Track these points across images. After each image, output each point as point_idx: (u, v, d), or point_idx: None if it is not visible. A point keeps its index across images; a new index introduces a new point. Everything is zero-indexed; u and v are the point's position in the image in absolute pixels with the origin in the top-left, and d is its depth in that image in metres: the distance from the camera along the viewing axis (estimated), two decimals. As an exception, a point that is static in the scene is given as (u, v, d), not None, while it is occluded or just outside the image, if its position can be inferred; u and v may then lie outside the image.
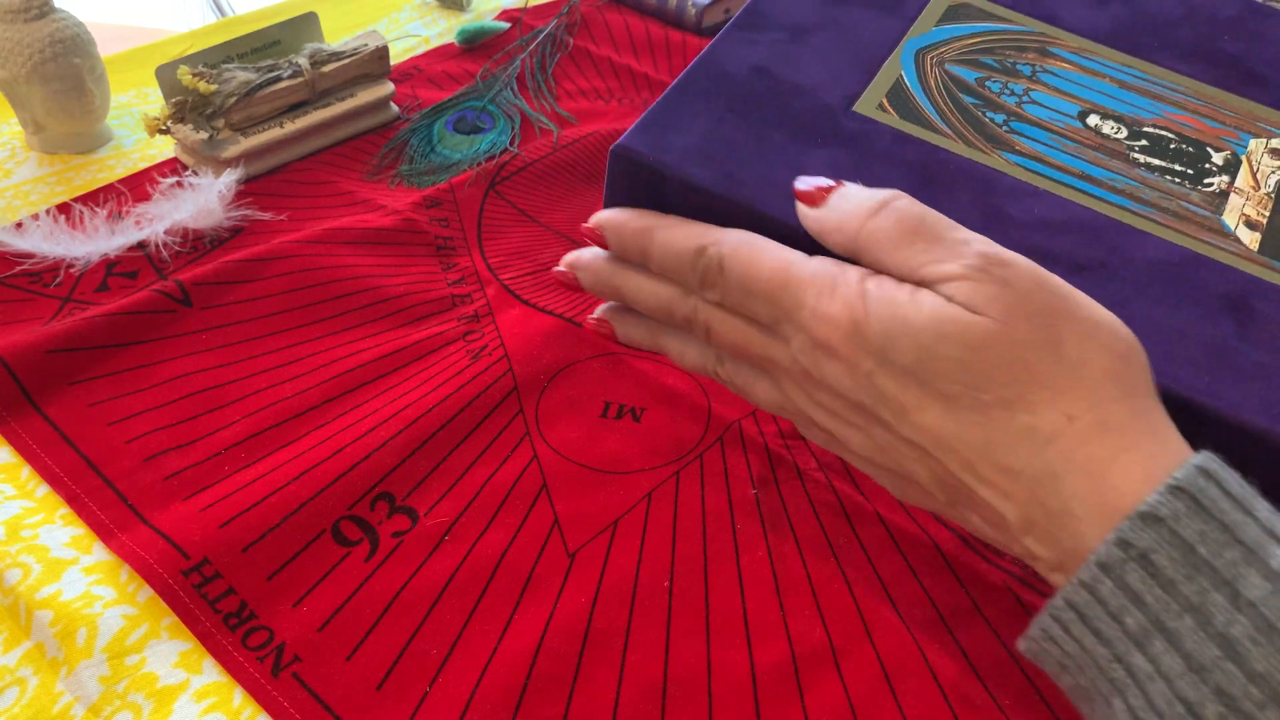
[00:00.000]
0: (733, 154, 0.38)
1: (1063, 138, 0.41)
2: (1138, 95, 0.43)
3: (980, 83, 0.42)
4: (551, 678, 0.41)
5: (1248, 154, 0.41)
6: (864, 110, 0.41)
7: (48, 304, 0.58)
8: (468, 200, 0.67)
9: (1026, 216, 0.38)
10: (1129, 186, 0.39)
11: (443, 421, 0.51)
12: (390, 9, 0.91)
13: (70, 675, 0.41)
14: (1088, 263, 0.36)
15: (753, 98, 0.40)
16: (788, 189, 0.37)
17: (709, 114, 0.39)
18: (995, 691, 0.40)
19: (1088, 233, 0.37)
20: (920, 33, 0.44)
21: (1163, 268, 0.37)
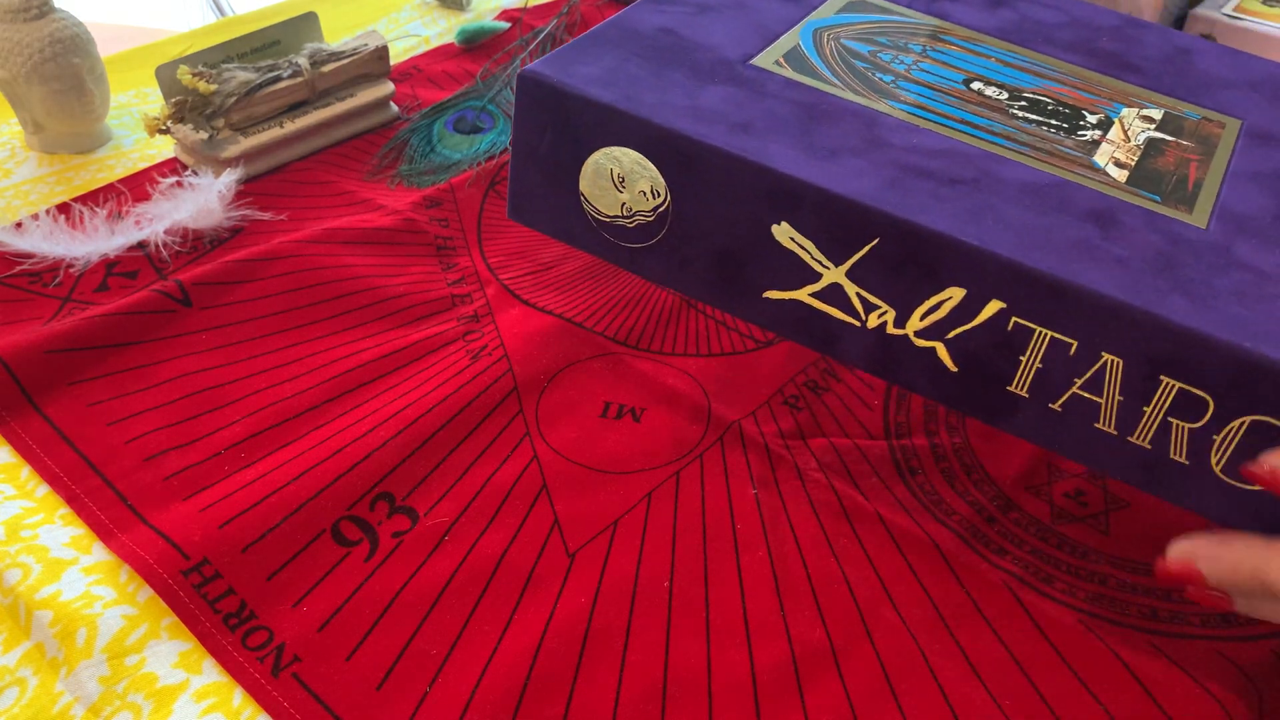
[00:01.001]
0: (633, 82, 0.40)
1: (946, 95, 0.43)
2: (1021, 72, 0.45)
3: (873, 54, 0.45)
4: (551, 678, 0.41)
5: (1120, 117, 0.43)
6: (760, 64, 0.43)
7: (47, 304, 0.58)
8: (468, 200, 0.67)
9: (905, 144, 0.39)
10: (1006, 131, 0.41)
11: (442, 421, 0.51)
12: (390, 9, 0.91)
13: (70, 675, 0.41)
14: (961, 178, 0.38)
15: (656, 47, 0.43)
16: (683, 109, 0.39)
17: (614, 55, 0.42)
18: (995, 691, 0.40)
19: (961, 158, 0.39)
20: (820, 16, 0.47)
21: (1033, 188, 0.38)
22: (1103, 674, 0.41)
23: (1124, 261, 0.35)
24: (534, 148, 0.42)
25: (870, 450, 0.50)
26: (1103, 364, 0.35)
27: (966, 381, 0.37)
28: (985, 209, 0.36)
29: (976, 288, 0.35)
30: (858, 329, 0.38)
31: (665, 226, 0.40)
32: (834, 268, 0.37)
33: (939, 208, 0.36)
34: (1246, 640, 0.42)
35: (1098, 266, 0.35)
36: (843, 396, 0.53)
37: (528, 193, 0.43)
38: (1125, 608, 0.43)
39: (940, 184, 0.37)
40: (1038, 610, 0.43)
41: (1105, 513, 0.47)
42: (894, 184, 0.37)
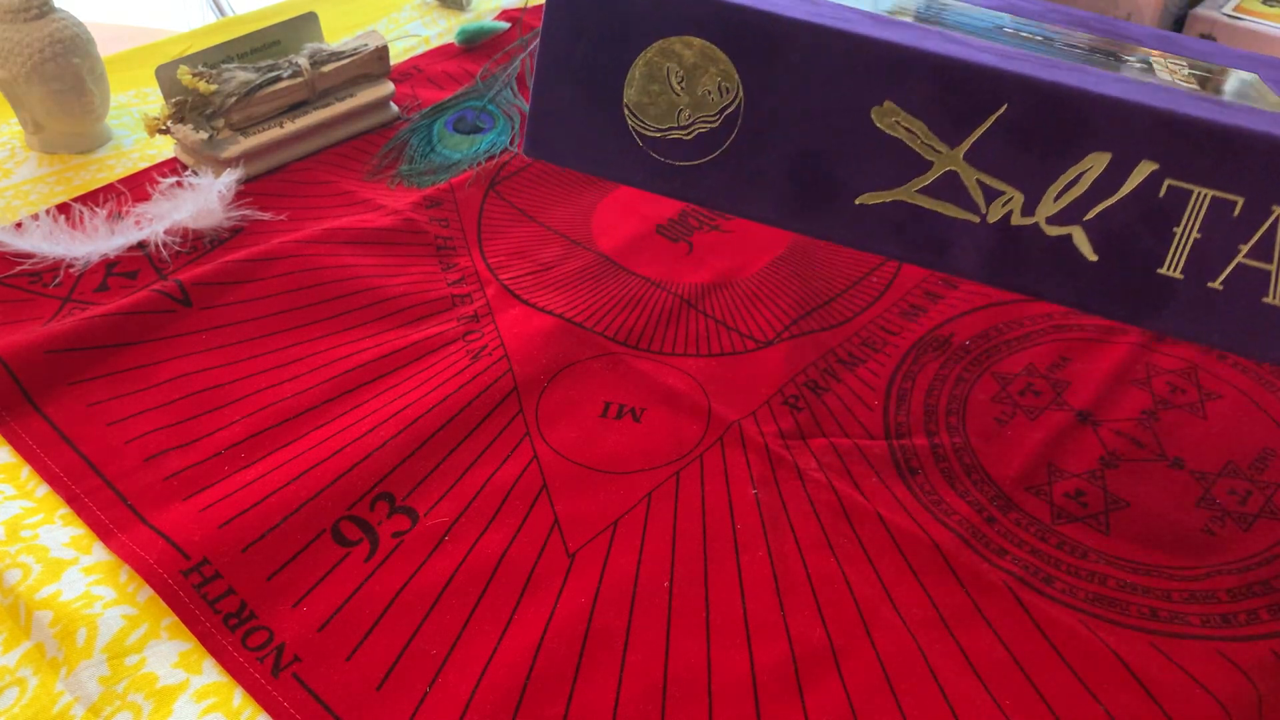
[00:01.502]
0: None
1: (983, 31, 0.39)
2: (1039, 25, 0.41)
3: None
4: (552, 677, 0.41)
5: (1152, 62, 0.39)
6: None
7: (47, 304, 0.58)
8: (468, 200, 0.67)
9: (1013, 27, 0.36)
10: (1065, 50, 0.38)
11: (443, 421, 0.51)
12: (390, 9, 0.91)
13: (70, 675, 0.41)
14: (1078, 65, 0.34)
15: None
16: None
17: None
18: (995, 691, 0.40)
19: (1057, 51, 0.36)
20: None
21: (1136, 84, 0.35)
22: (1103, 674, 0.41)
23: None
24: (567, 60, 0.35)
25: (870, 450, 0.50)
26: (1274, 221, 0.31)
27: (1108, 273, 0.34)
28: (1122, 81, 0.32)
29: (1123, 150, 0.31)
30: (975, 225, 0.34)
31: (733, 133, 0.35)
32: (948, 150, 0.33)
33: (1069, 72, 0.32)
34: (1246, 640, 0.42)
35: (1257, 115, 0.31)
36: (842, 396, 0.53)
37: (554, 118, 0.37)
38: (1125, 608, 0.43)
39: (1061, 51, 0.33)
40: (1038, 610, 0.43)
41: (1105, 513, 0.47)
42: (1012, 58, 0.33)
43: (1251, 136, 0.30)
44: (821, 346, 0.56)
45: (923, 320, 0.58)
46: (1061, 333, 0.56)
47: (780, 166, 0.35)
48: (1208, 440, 0.50)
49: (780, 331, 0.57)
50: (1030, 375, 0.54)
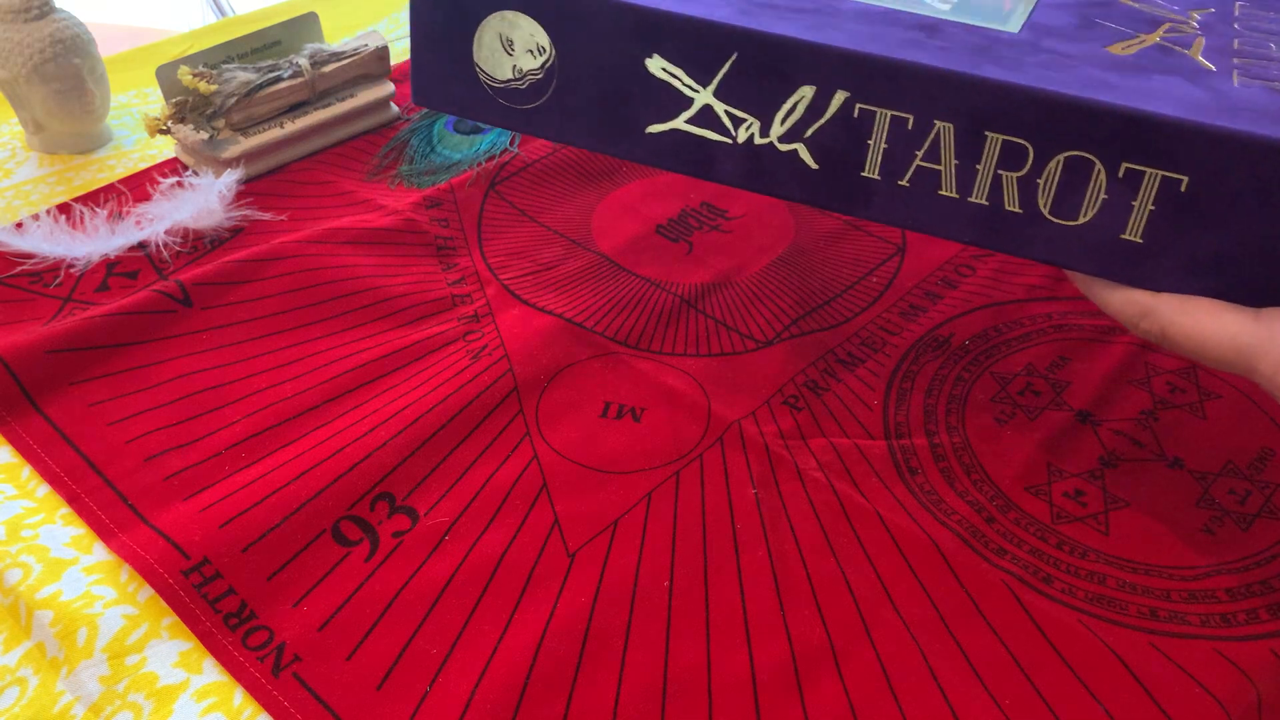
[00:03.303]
0: None
1: None
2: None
3: None
4: (551, 678, 0.41)
5: None
6: None
7: (48, 304, 0.58)
8: (468, 200, 0.67)
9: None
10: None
11: (443, 421, 0.51)
12: (390, 9, 0.91)
13: (70, 675, 0.41)
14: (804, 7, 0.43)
15: None
16: None
17: None
18: (995, 691, 0.40)
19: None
20: None
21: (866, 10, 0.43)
22: (1102, 674, 0.41)
23: (946, 50, 0.41)
24: (431, 29, 0.45)
25: (870, 450, 0.50)
26: (936, 132, 0.40)
27: (827, 177, 0.43)
28: (826, 23, 0.42)
29: (823, 83, 0.41)
30: (730, 146, 0.43)
31: (553, 82, 0.44)
32: (703, 90, 0.42)
33: (785, 23, 0.41)
34: (1246, 640, 0.42)
35: (924, 52, 0.40)
36: (842, 396, 0.53)
37: (429, 75, 0.46)
38: (1125, 608, 0.43)
39: (787, 10, 0.42)
40: (1037, 610, 0.43)
41: (1105, 513, 0.47)
42: (745, 12, 0.42)
43: (912, 67, 0.39)
44: (821, 346, 0.56)
45: (922, 320, 0.58)
46: (1061, 333, 0.57)
47: (590, 106, 0.44)
48: (1207, 440, 0.50)
49: (780, 331, 0.57)
50: (1030, 375, 0.54)
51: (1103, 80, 0.39)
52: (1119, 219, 0.39)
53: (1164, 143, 0.37)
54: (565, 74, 0.43)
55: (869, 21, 0.42)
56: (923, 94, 0.39)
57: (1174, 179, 0.37)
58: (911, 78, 0.39)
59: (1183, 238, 0.38)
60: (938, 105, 0.39)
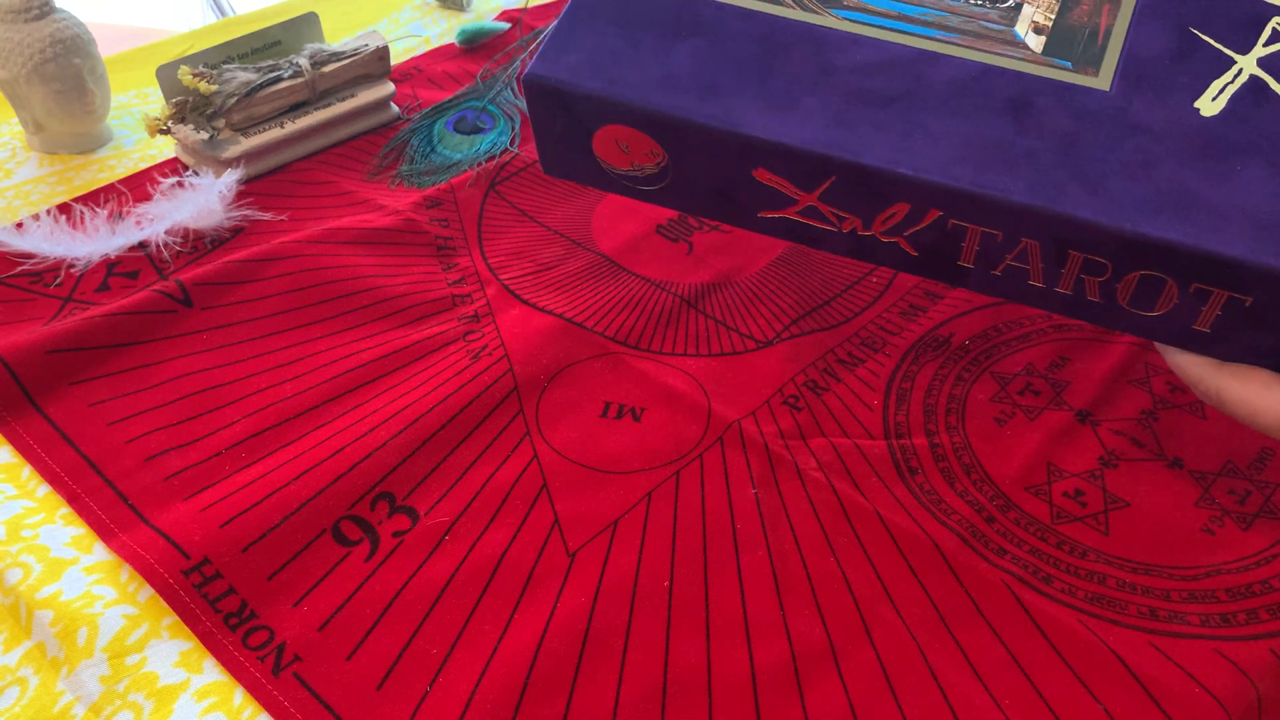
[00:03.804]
0: (613, 60, 0.46)
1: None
2: None
3: None
4: (551, 677, 0.41)
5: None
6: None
7: (48, 304, 0.58)
8: (468, 200, 0.67)
9: (849, 64, 0.45)
10: (938, 18, 0.47)
11: (443, 421, 0.51)
12: (390, 9, 0.91)
13: (71, 675, 0.41)
14: (896, 94, 0.44)
15: (625, 8, 0.48)
16: (658, 81, 0.45)
17: (593, 28, 0.47)
18: (995, 691, 0.40)
19: (898, 67, 0.45)
20: None
21: (958, 84, 0.44)
22: (1102, 674, 0.41)
23: (1033, 156, 0.42)
24: (549, 128, 0.48)
25: (870, 450, 0.50)
26: (1023, 246, 0.42)
27: (927, 260, 0.45)
28: (916, 128, 0.43)
29: (916, 202, 0.43)
30: (835, 233, 0.46)
31: (669, 176, 0.47)
32: (806, 193, 0.45)
33: (878, 140, 0.43)
34: (1246, 640, 0.42)
35: (1010, 170, 0.42)
36: (842, 396, 0.53)
37: (554, 156, 0.49)
38: (1124, 607, 0.43)
39: (879, 107, 0.44)
40: (1037, 610, 0.43)
41: (1105, 513, 0.47)
42: (841, 120, 0.44)
43: (997, 200, 0.41)
44: (821, 346, 0.56)
45: (922, 320, 0.58)
46: (1061, 333, 0.57)
47: (704, 194, 0.47)
48: (1207, 440, 0.50)
49: (780, 331, 0.57)
50: (1029, 375, 0.54)
51: (1183, 195, 0.40)
52: (1190, 316, 0.42)
53: (1232, 273, 0.39)
54: (679, 171, 0.46)
55: (959, 106, 0.43)
56: (1008, 219, 0.41)
57: (1239, 298, 0.40)
58: (995, 206, 0.41)
59: (1246, 334, 0.41)
60: (1023, 229, 0.42)
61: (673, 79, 0.45)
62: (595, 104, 0.45)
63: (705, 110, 0.44)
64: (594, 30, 0.47)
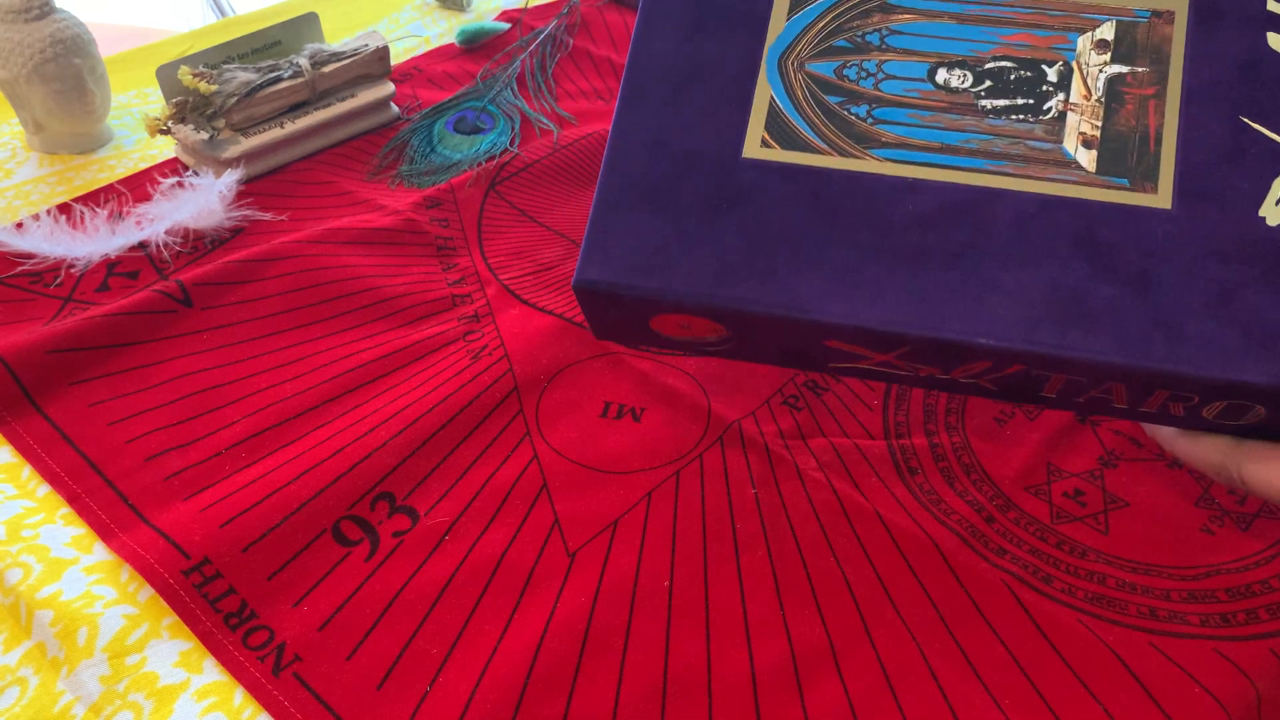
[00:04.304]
0: (662, 249, 0.43)
1: (919, 109, 0.45)
2: (974, 27, 0.46)
3: (839, 73, 0.46)
4: (551, 677, 0.41)
5: (1077, 58, 0.45)
6: (751, 154, 0.45)
7: (48, 304, 0.58)
8: (468, 200, 0.67)
9: (904, 217, 0.43)
10: (983, 143, 0.44)
11: (443, 421, 0.51)
12: (390, 9, 0.91)
13: (71, 675, 0.41)
14: (959, 248, 0.42)
15: (659, 184, 0.45)
16: (711, 270, 0.42)
17: (630, 219, 0.44)
18: (995, 691, 0.40)
19: (956, 214, 0.43)
20: (774, 38, 0.47)
21: (1020, 225, 0.42)
22: (1102, 674, 0.41)
23: (1111, 305, 0.40)
24: (603, 319, 0.46)
25: (870, 450, 0.50)
26: (1108, 386, 0.41)
27: (1008, 394, 0.44)
28: (989, 288, 0.41)
29: (998, 360, 0.41)
30: (913, 377, 0.44)
31: (732, 343, 0.46)
32: (882, 354, 0.43)
33: (952, 310, 0.41)
34: (1246, 640, 0.42)
35: (1091, 326, 0.40)
36: (842, 396, 0.53)
37: (606, 330, 0.48)
38: (1124, 607, 0.43)
39: (945, 266, 0.42)
40: (1037, 610, 0.43)
41: (1105, 512, 0.47)
42: (910, 290, 0.42)
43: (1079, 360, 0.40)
44: (821, 346, 0.56)
45: (922, 320, 0.58)
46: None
47: (774, 354, 0.46)
48: (1207, 440, 0.50)
49: (780, 331, 0.57)
50: (1030, 375, 0.54)
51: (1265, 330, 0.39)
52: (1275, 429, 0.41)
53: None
54: (745, 341, 0.45)
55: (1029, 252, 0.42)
56: (1091, 371, 0.41)
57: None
58: (1079, 364, 0.40)
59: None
60: (1109, 376, 0.41)
61: (727, 266, 0.42)
62: (652, 301, 0.43)
63: (768, 299, 0.42)
64: (632, 220, 0.44)
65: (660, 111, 0.46)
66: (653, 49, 0.48)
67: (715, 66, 0.47)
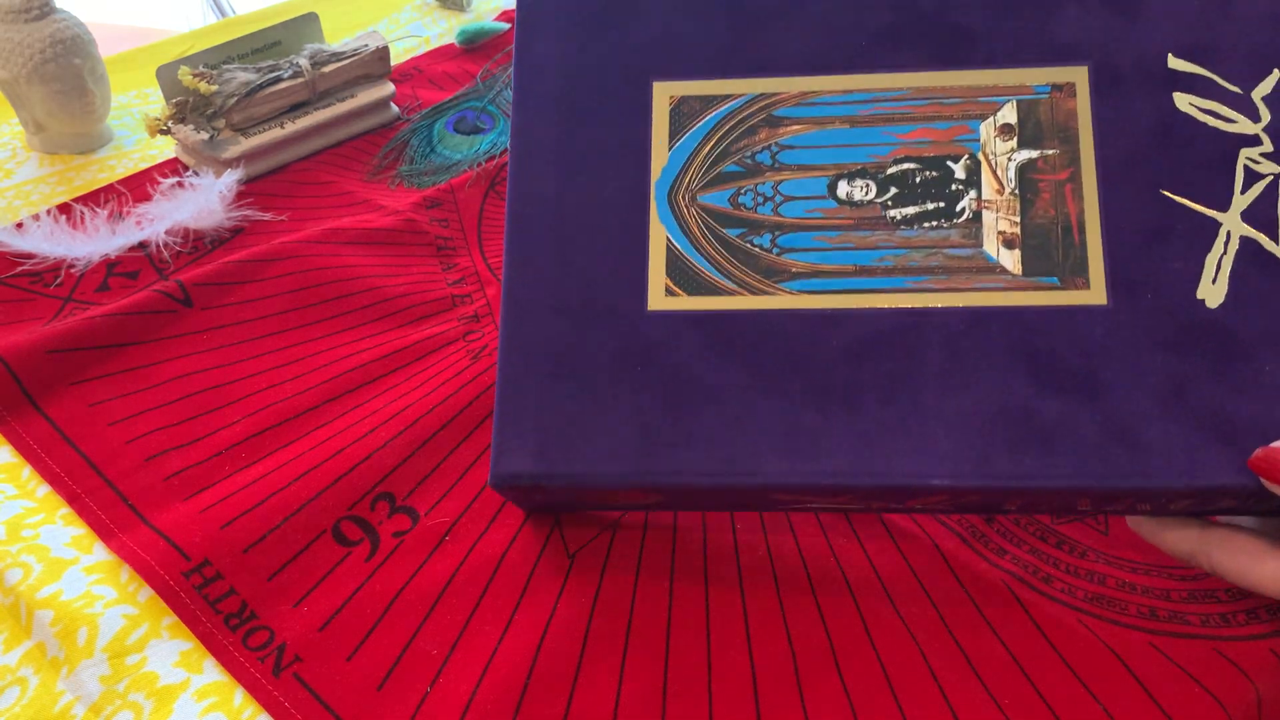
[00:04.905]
0: (575, 437, 0.40)
1: (825, 230, 0.42)
2: (868, 129, 0.43)
3: (734, 201, 0.42)
4: (552, 678, 0.41)
5: (982, 148, 0.42)
6: (657, 305, 0.41)
7: (48, 304, 0.58)
8: (468, 201, 0.67)
9: (827, 354, 0.40)
10: (898, 259, 0.41)
11: (443, 422, 0.51)
12: (391, 9, 0.91)
13: (71, 675, 0.41)
14: (892, 381, 0.40)
15: (564, 351, 0.41)
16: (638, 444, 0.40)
17: (535, 397, 0.41)
18: (995, 691, 0.40)
19: (882, 345, 0.40)
20: (659, 169, 0.43)
21: (952, 345, 0.40)
22: (1103, 674, 0.41)
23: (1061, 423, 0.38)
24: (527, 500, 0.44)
25: (870, 451, 0.50)
26: (1072, 501, 0.40)
27: (969, 510, 0.44)
28: (933, 424, 0.39)
29: (952, 495, 0.40)
30: (865, 508, 0.44)
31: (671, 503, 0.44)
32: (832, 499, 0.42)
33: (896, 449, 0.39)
34: (1246, 640, 0.42)
35: (1046, 450, 0.38)
36: (843, 397, 0.53)
37: (537, 508, 0.46)
38: (1124, 607, 0.43)
39: (881, 403, 0.39)
40: (1037, 610, 0.43)
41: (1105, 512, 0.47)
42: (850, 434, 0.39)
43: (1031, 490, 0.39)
44: (821, 347, 0.56)
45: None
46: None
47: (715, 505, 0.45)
48: (1207, 440, 0.50)
49: (780, 332, 0.57)
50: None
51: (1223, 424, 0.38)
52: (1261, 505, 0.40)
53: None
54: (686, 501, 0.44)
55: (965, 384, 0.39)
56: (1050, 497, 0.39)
57: None
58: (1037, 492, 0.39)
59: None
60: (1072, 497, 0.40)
61: (651, 434, 0.39)
62: (576, 488, 0.41)
63: (702, 468, 0.39)
64: (542, 396, 0.41)
65: (551, 268, 0.42)
66: (531, 194, 0.43)
67: (601, 210, 0.43)
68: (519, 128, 0.44)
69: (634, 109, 0.43)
